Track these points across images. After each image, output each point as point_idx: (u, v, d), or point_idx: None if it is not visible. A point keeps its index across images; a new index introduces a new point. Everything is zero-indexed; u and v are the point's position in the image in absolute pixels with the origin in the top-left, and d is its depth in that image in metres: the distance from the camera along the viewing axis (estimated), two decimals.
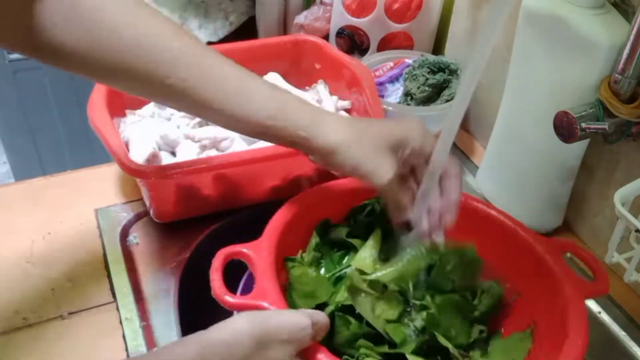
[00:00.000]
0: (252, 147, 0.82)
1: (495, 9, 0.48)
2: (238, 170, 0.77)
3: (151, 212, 0.78)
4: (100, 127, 0.73)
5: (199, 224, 0.79)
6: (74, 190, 0.84)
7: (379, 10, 0.99)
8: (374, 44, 1.03)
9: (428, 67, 0.93)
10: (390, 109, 0.88)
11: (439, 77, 0.92)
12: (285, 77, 0.95)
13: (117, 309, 0.69)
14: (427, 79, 0.92)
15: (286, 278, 0.61)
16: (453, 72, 0.93)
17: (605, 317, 0.72)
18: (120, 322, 0.68)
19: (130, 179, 0.84)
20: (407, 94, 0.94)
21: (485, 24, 0.49)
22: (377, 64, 0.98)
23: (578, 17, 0.67)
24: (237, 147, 0.81)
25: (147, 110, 0.85)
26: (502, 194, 0.85)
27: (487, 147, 0.87)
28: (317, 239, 0.65)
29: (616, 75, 0.64)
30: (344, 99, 0.91)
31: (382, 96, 0.95)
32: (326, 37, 1.03)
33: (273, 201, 0.69)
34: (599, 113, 0.67)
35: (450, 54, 1.02)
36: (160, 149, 0.80)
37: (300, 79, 0.96)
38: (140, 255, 0.76)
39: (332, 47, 0.95)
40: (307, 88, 0.95)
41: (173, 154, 0.82)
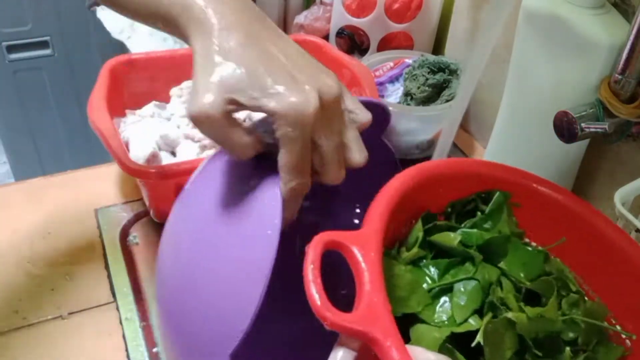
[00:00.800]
0: None
1: (495, 9, 0.48)
2: None
3: (151, 212, 0.78)
4: (100, 127, 0.73)
5: None
6: (74, 190, 0.84)
7: (379, 10, 0.99)
8: (374, 44, 1.03)
9: (428, 67, 0.93)
10: (390, 108, 0.88)
11: (439, 77, 0.92)
12: None
13: (117, 309, 0.70)
14: (427, 79, 0.92)
15: None
16: (453, 72, 0.93)
17: None
18: (120, 322, 0.68)
19: (130, 179, 0.84)
20: (407, 94, 0.94)
21: (485, 24, 0.49)
22: (377, 64, 0.98)
23: (578, 17, 0.67)
24: None
25: (147, 110, 0.85)
26: None
27: (487, 147, 0.87)
28: (422, 233, 0.53)
29: (616, 75, 0.64)
30: None
31: (382, 96, 0.95)
32: (326, 37, 1.03)
33: None
34: (599, 113, 0.67)
35: (450, 54, 1.02)
36: (160, 149, 0.80)
37: None
38: (140, 255, 0.76)
39: (332, 47, 0.95)
40: None
41: (173, 154, 0.81)
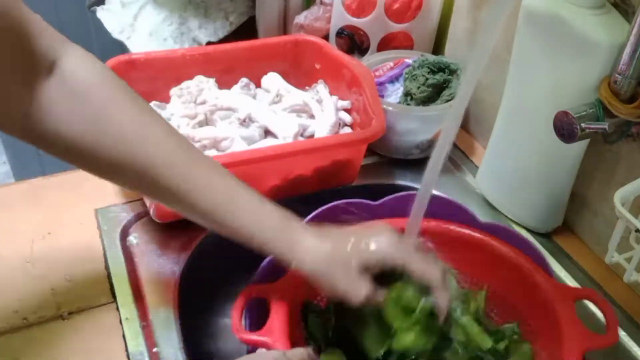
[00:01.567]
0: (252, 147, 0.82)
1: (495, 9, 0.48)
2: (238, 170, 0.76)
3: (151, 212, 0.78)
4: None
5: (199, 224, 0.79)
6: (74, 190, 0.83)
7: (379, 10, 0.99)
8: (374, 44, 1.03)
9: (428, 67, 0.93)
10: (390, 108, 0.88)
11: (439, 77, 0.92)
12: (285, 77, 0.95)
13: (117, 309, 0.69)
14: (427, 79, 0.92)
15: None
16: (453, 72, 0.93)
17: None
18: (120, 322, 0.68)
19: None
20: (407, 94, 0.93)
21: (485, 24, 0.49)
22: (377, 64, 0.98)
23: (578, 17, 0.67)
24: (237, 147, 0.81)
25: None
26: (502, 194, 0.85)
27: (487, 147, 0.87)
28: None
29: (616, 75, 0.64)
30: (344, 99, 0.91)
31: (382, 96, 0.95)
32: (326, 37, 1.03)
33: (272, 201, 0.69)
34: (599, 113, 0.67)
35: (450, 54, 1.02)
36: None
37: (300, 79, 0.96)
38: (140, 255, 0.76)
39: (332, 47, 0.95)
40: (307, 88, 0.95)
41: None
